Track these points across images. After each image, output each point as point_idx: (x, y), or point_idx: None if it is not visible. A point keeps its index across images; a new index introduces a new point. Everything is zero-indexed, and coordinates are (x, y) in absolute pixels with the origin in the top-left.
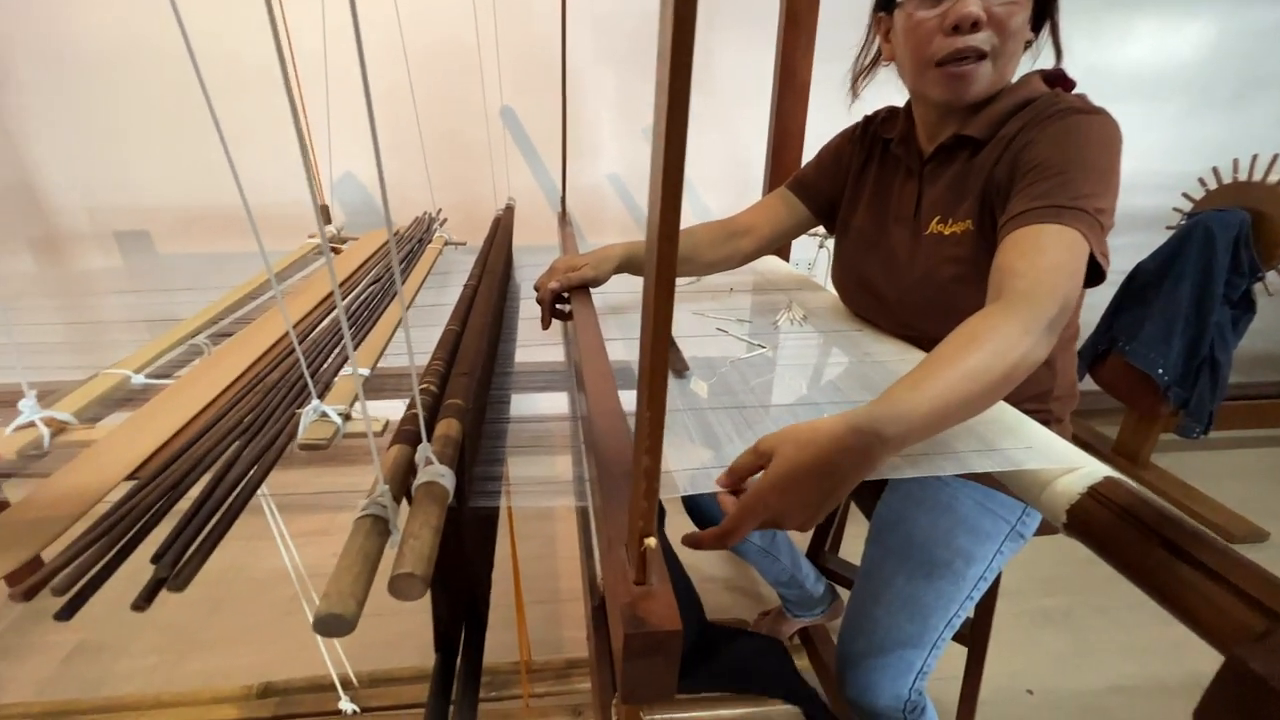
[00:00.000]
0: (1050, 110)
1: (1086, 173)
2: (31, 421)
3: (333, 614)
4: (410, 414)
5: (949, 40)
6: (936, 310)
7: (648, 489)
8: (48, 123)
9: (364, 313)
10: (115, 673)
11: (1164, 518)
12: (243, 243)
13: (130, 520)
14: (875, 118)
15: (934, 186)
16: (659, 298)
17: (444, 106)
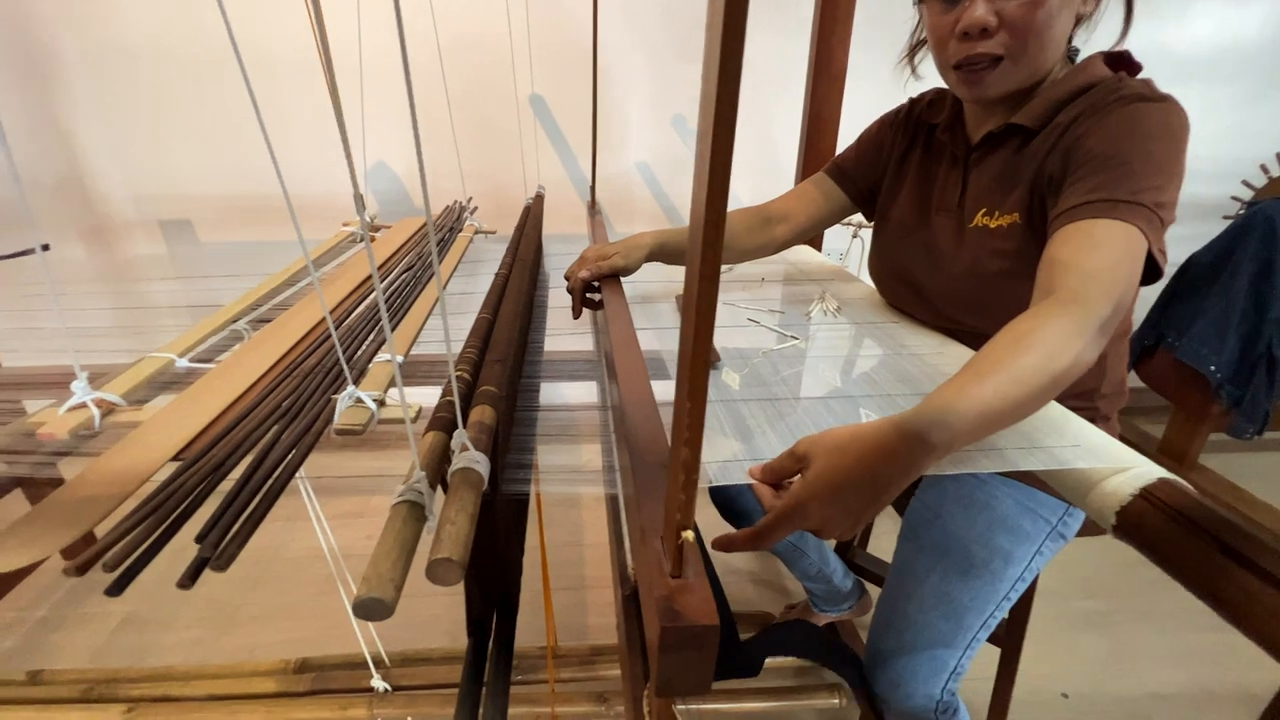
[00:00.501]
0: (1111, 97)
1: (1147, 164)
2: (83, 402)
3: (372, 598)
4: (445, 400)
5: (961, 45)
6: (979, 305)
7: (686, 481)
8: (96, 116)
9: (397, 300)
10: (161, 644)
11: (1223, 522)
12: (279, 231)
13: (176, 500)
14: (920, 101)
15: (980, 176)
16: (703, 287)
17: (473, 95)
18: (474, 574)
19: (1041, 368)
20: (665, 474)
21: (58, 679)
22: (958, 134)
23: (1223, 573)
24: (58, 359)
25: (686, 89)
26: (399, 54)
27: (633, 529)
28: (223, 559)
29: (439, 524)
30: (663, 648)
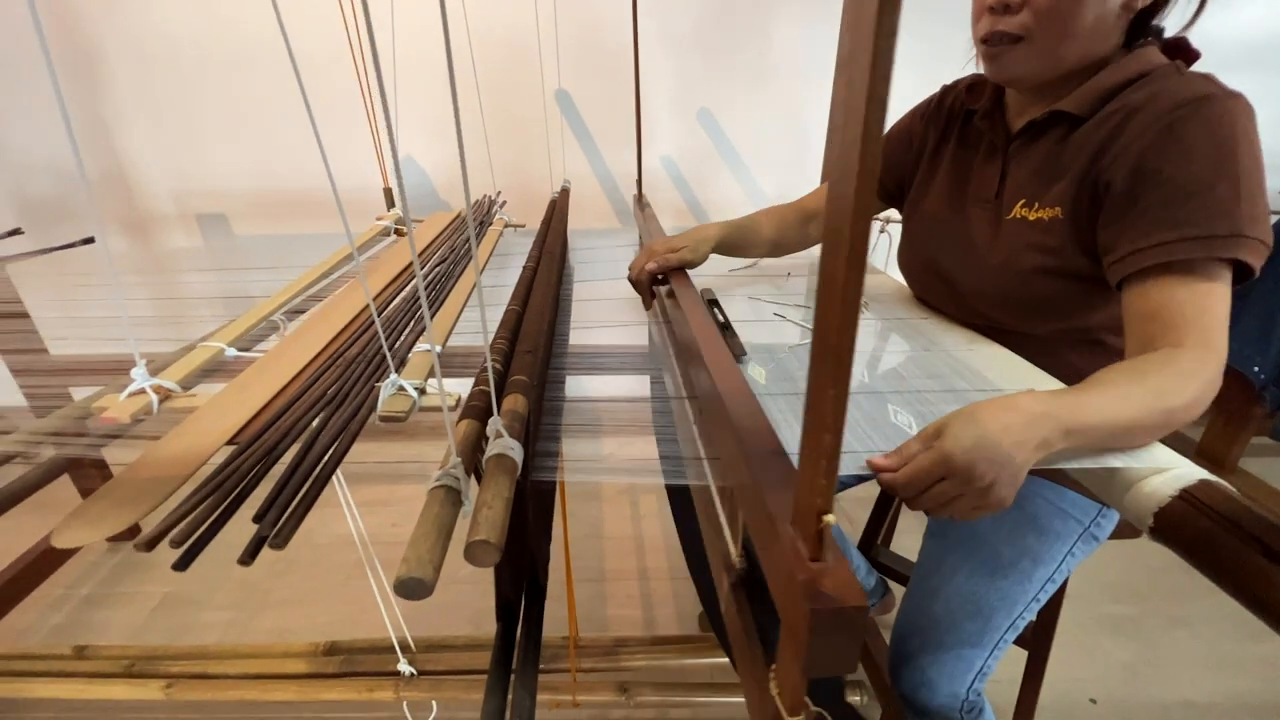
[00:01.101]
0: (1176, 100)
1: (1237, 186)
2: (143, 388)
3: (413, 578)
4: (479, 389)
5: (985, 20)
6: (1013, 302)
7: (828, 467)
8: (139, 114)
9: (431, 292)
10: (198, 623)
11: (1267, 525)
12: (310, 224)
13: (233, 482)
14: (956, 87)
15: (1021, 166)
16: (849, 274)
17: (500, 90)
18: (504, 559)
19: (1179, 417)
20: (780, 462)
21: (102, 654)
22: (997, 121)
23: (1266, 577)
24: (100, 348)
25: (710, 83)
26: (427, 50)
27: (753, 518)
28: (280, 537)
29: (476, 507)
30: (813, 630)
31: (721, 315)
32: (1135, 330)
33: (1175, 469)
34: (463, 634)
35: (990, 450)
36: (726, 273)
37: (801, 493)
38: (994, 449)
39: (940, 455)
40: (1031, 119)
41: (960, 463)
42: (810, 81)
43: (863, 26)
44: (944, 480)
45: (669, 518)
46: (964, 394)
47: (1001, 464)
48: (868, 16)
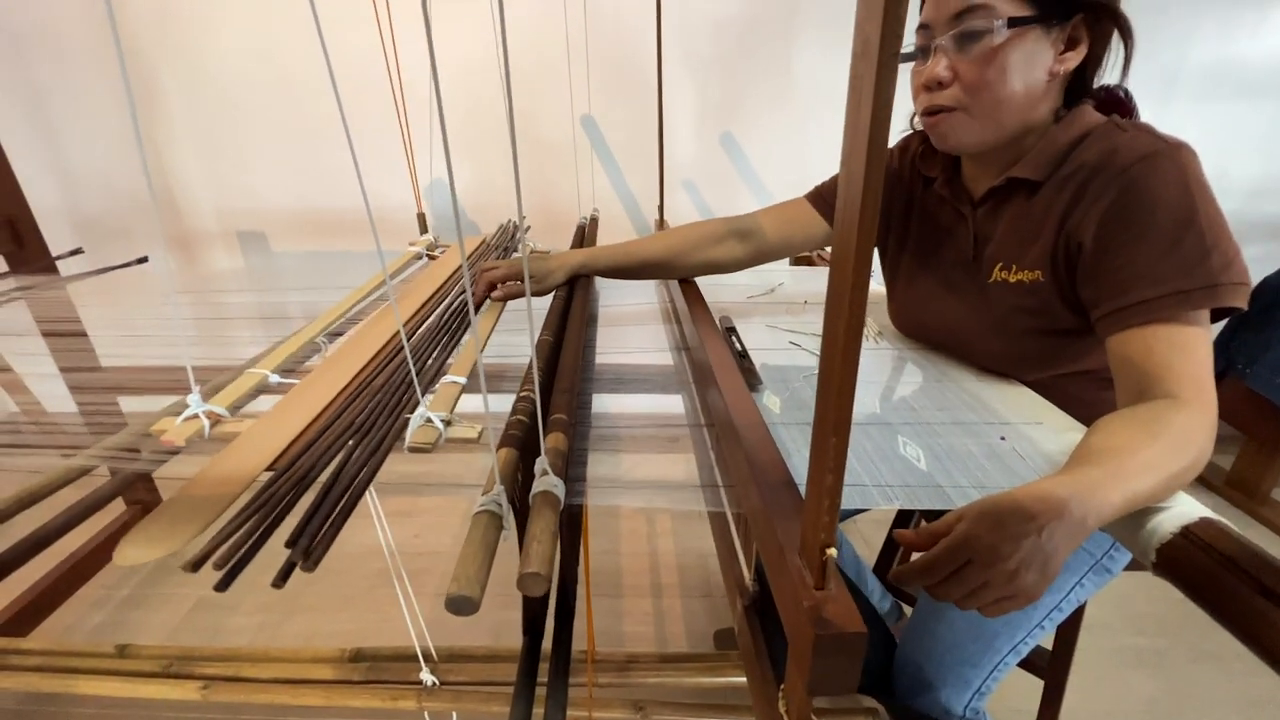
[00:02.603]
0: (1126, 160)
1: (1202, 235)
2: (196, 414)
3: (463, 595)
4: (515, 419)
5: (924, 97)
6: (1006, 358)
7: (830, 505)
8: (188, 134)
9: (455, 323)
10: (229, 626)
11: (1266, 565)
12: (344, 242)
13: (269, 507)
14: (907, 148)
15: (991, 231)
16: (849, 331)
17: (528, 116)
18: None
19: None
20: (790, 493)
21: (141, 654)
22: (958, 188)
23: (1264, 616)
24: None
25: (733, 107)
26: (460, 75)
27: (764, 546)
28: (310, 560)
29: (526, 541)
30: (816, 653)
31: (739, 343)
32: (1125, 378)
33: (1178, 506)
34: (483, 644)
35: (1015, 531)
36: (745, 299)
37: (807, 527)
38: (1018, 531)
39: (962, 537)
40: (990, 186)
41: (984, 544)
42: (831, 106)
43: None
44: (969, 565)
45: (683, 535)
46: (973, 427)
47: (1029, 550)
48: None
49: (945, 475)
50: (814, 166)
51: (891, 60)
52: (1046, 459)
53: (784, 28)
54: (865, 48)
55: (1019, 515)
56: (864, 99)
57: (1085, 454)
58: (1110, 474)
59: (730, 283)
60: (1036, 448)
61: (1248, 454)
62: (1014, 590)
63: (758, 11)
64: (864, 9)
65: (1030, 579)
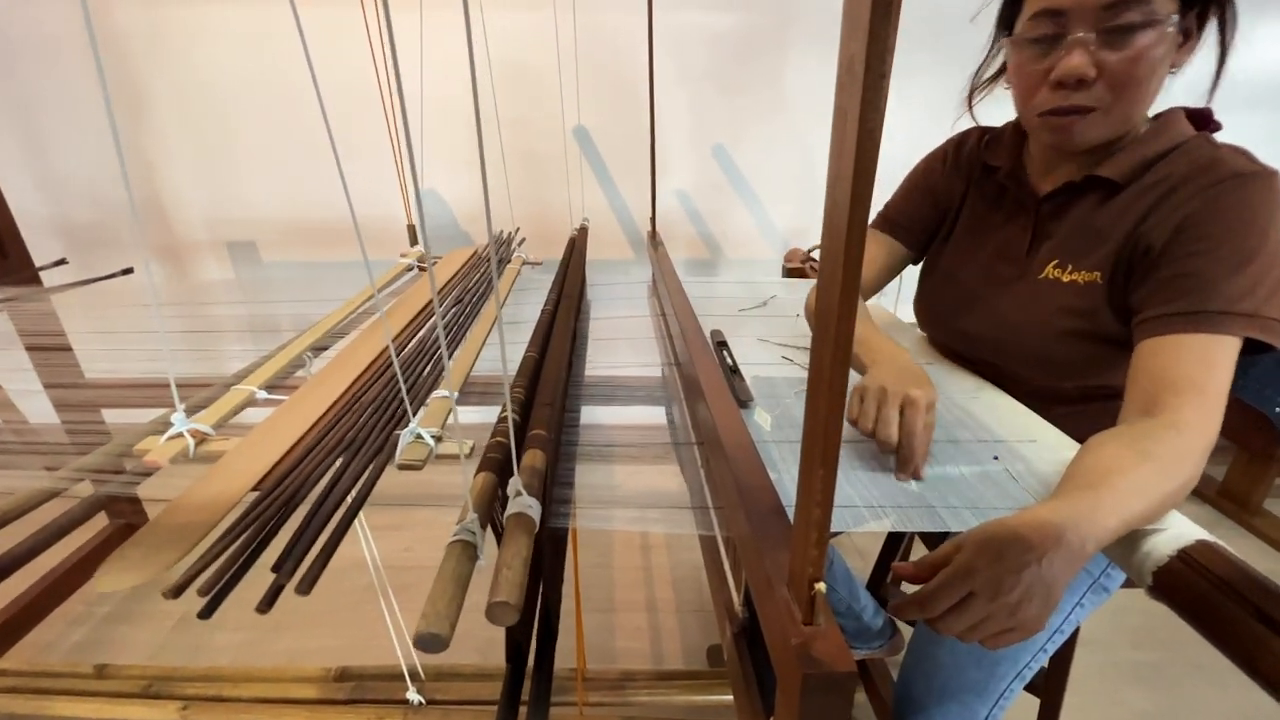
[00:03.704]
0: (1219, 175)
1: (1266, 267)
2: (180, 432)
3: (430, 633)
4: (495, 440)
5: (1054, 94)
6: (1038, 359)
7: (819, 538)
8: (178, 144)
9: (449, 333)
10: (213, 644)
11: (1262, 588)
12: (336, 251)
13: (255, 530)
14: (967, 140)
15: (1056, 227)
16: (835, 362)
17: (520, 127)
18: None
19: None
20: (779, 521)
21: (121, 674)
22: (1022, 180)
23: (1260, 642)
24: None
25: (726, 119)
26: (452, 85)
27: (752, 576)
28: (304, 583)
29: (496, 568)
30: (804, 692)
31: (730, 358)
32: (1140, 382)
33: (1174, 528)
34: (470, 663)
35: (1016, 563)
36: (737, 313)
37: (795, 561)
38: (1019, 562)
39: (963, 569)
40: (1068, 180)
41: (985, 577)
42: (822, 117)
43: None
44: (970, 598)
45: (677, 549)
46: (964, 444)
47: (1031, 581)
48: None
49: (938, 496)
50: (807, 179)
51: (879, 82)
52: (1039, 479)
53: (777, 40)
54: (850, 67)
55: (1019, 546)
56: (849, 123)
57: (1078, 475)
58: (1105, 497)
59: (722, 295)
60: (1030, 467)
61: (1239, 465)
62: (1017, 623)
63: (751, 24)
64: (848, 27)
65: (1033, 610)
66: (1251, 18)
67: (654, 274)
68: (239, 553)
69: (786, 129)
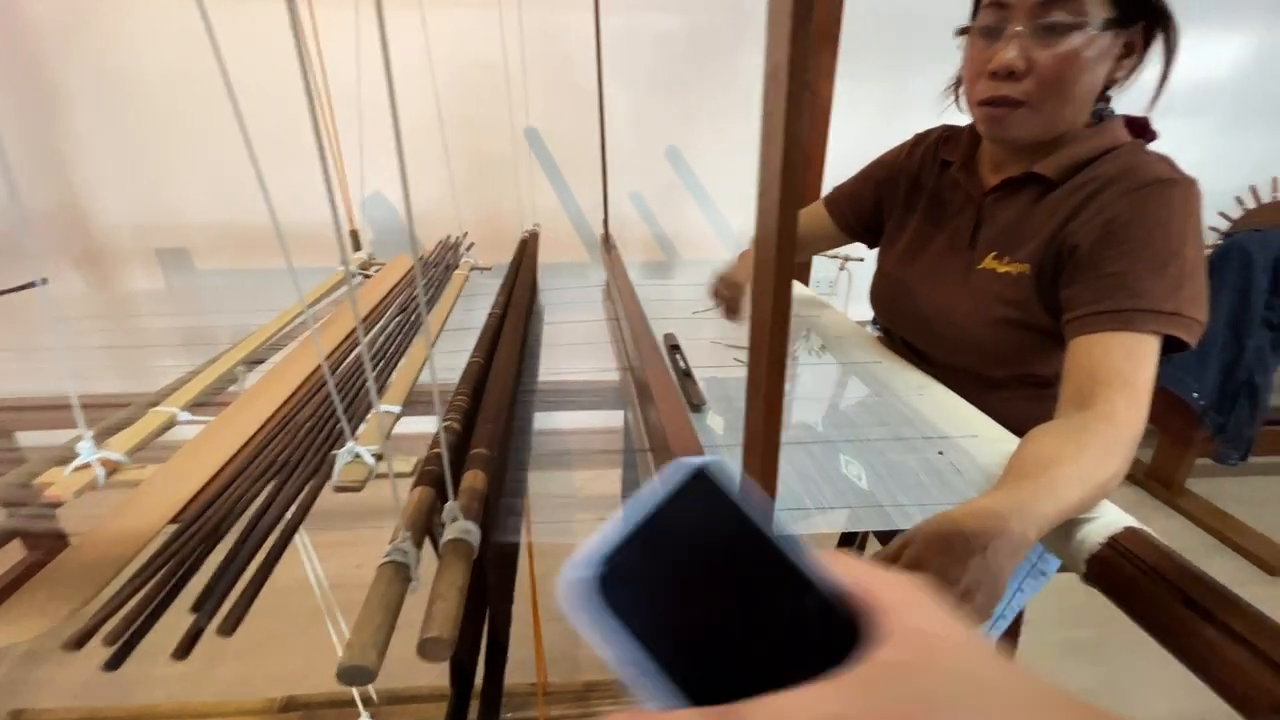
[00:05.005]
0: (1143, 180)
1: (1185, 268)
2: (88, 462)
3: (355, 665)
4: (433, 453)
5: (988, 84)
6: (976, 346)
7: None
8: (96, 144)
9: (390, 346)
10: (150, 676)
11: (1187, 574)
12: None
13: (172, 567)
14: (928, 137)
15: (995, 220)
16: (771, 364)
17: (469, 128)
18: None
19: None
20: None
21: (43, 718)
22: (973, 174)
23: (1185, 625)
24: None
25: (679, 121)
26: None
27: None
28: (227, 625)
29: (430, 599)
30: None
31: (683, 362)
32: (1074, 378)
33: (1105, 516)
34: (426, 684)
35: (961, 554)
36: (690, 315)
37: None
38: (964, 553)
39: (912, 560)
40: (1008, 176)
41: (932, 570)
42: None
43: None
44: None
45: None
46: (911, 441)
47: (976, 571)
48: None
49: (886, 494)
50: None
51: (802, 90)
52: (982, 472)
53: (730, 42)
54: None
55: (964, 537)
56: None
57: (1019, 467)
58: (1044, 487)
59: (677, 298)
60: (973, 461)
61: (1163, 449)
62: (965, 613)
63: (702, 26)
64: (772, 38)
65: (980, 599)
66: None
67: (608, 277)
68: (154, 593)
69: (738, 130)
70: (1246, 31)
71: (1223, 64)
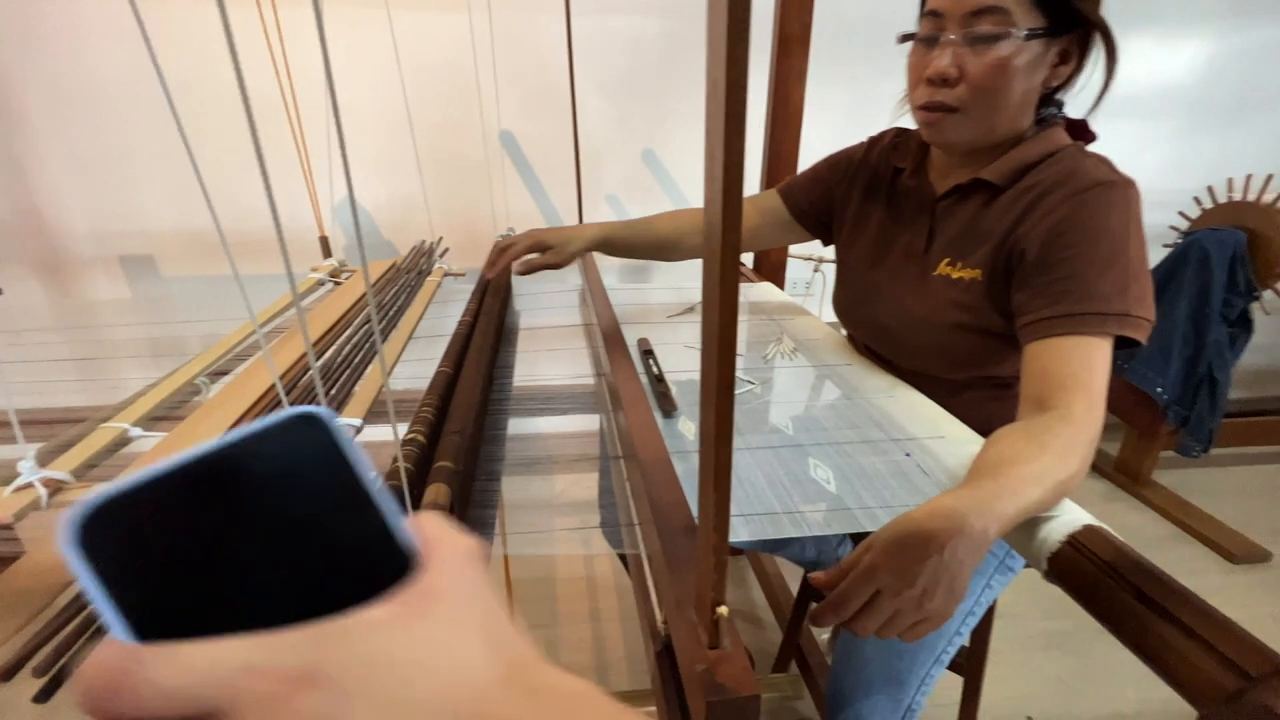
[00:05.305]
0: (1083, 183)
1: (1129, 269)
2: (30, 482)
3: None
4: (396, 469)
5: (925, 90)
6: (935, 350)
7: (717, 563)
8: (55, 150)
9: (356, 355)
10: None
11: (1142, 571)
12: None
13: None
14: (880, 141)
15: (947, 227)
16: (720, 404)
17: (442, 131)
18: None
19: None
20: (692, 541)
21: None
22: (923, 182)
23: (1140, 621)
24: None
25: (654, 123)
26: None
27: (664, 597)
28: None
29: None
30: (709, 718)
31: (656, 368)
32: (1032, 382)
33: (1065, 514)
34: None
35: (918, 554)
36: (665, 319)
37: (700, 585)
38: (920, 553)
39: (867, 568)
40: (956, 183)
41: (888, 572)
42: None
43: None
44: (877, 595)
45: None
46: (878, 444)
47: (933, 571)
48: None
49: (854, 497)
50: None
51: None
52: (948, 473)
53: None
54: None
55: (919, 538)
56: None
57: (982, 467)
58: (1005, 485)
59: (652, 301)
60: (939, 462)
61: (1130, 442)
62: (926, 614)
63: (676, 30)
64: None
65: (939, 600)
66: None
67: (583, 282)
68: (88, 622)
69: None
70: (1203, 37)
71: (1180, 68)
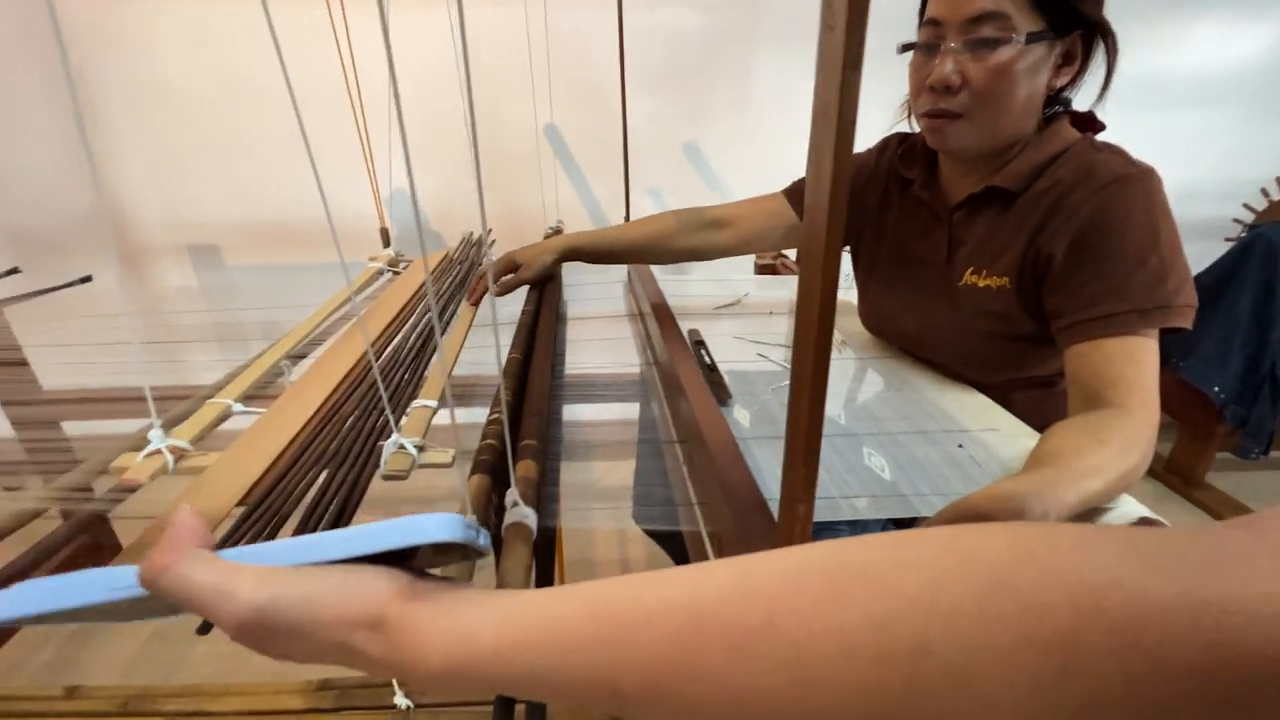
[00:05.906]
0: (1102, 180)
1: (1164, 260)
2: (159, 449)
3: None
4: (486, 444)
5: (928, 97)
6: (968, 359)
7: (802, 533)
8: (129, 144)
9: (420, 341)
10: (191, 657)
11: None
12: (302, 254)
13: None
14: (887, 147)
15: (967, 235)
16: (816, 366)
17: (491, 126)
18: None
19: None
20: (762, 515)
21: (94, 694)
22: (936, 191)
23: None
24: (91, 384)
25: (696, 116)
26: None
27: None
28: None
29: (499, 577)
30: None
31: (708, 357)
32: (1080, 386)
33: (1122, 506)
34: None
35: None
36: (712, 311)
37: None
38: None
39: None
40: (970, 192)
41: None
42: (791, 114)
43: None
44: None
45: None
46: (932, 435)
47: None
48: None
49: (909, 484)
50: (776, 173)
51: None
52: (1001, 465)
53: (744, 39)
54: (825, 112)
55: (979, 519)
56: (824, 160)
57: (1041, 457)
58: (1064, 474)
59: (697, 294)
60: (992, 454)
61: (1183, 442)
62: None
63: (718, 24)
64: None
65: None
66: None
67: (629, 273)
68: None
69: (756, 125)
70: (1271, 20)
71: (1245, 53)
